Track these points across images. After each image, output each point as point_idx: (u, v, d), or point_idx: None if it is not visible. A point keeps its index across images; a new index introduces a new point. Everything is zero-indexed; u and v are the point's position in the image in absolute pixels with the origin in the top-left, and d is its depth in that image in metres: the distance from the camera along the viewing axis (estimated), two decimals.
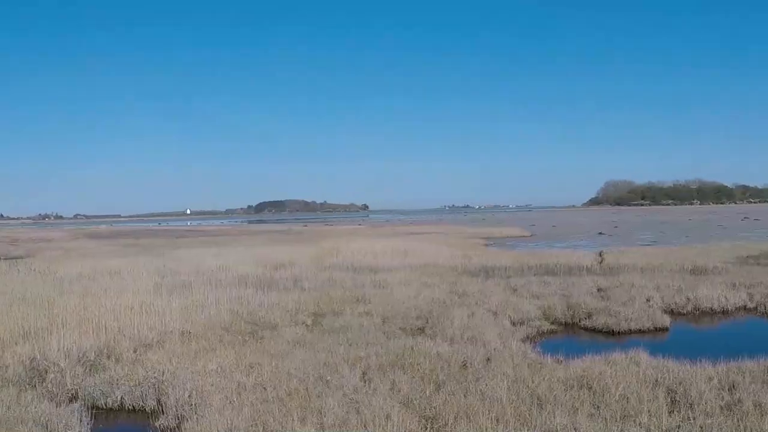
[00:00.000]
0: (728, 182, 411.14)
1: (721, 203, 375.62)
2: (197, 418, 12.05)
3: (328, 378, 13.97)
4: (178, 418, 12.80)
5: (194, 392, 13.45)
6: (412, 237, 71.58)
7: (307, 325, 21.63)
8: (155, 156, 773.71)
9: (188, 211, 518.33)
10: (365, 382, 13.85)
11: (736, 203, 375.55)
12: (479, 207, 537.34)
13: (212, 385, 13.89)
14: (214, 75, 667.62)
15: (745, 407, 11.42)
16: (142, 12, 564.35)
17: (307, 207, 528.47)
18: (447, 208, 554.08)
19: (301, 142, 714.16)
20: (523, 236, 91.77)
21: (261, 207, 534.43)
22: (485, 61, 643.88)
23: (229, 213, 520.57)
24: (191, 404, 12.98)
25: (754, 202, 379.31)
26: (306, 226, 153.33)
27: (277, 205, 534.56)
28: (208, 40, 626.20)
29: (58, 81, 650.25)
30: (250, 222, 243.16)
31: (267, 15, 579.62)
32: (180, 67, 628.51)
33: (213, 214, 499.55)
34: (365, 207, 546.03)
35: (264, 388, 13.56)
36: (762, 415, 10.97)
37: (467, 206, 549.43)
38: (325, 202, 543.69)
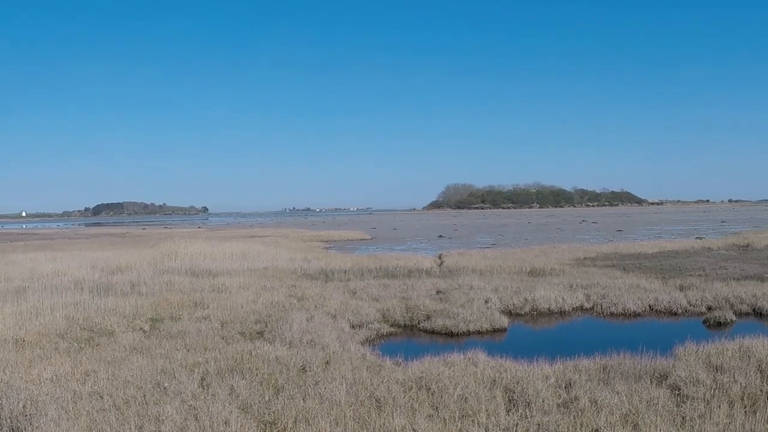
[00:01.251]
0: (567, 186, 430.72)
1: (561, 207, 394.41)
2: (32, 430, 11.56)
3: (166, 385, 13.80)
4: (13, 430, 12.23)
5: (29, 402, 12.79)
6: (252, 240, 71.20)
7: (144, 330, 21.28)
8: None
9: (23, 214, 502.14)
10: (204, 387, 13.75)
11: (574, 207, 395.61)
12: (320, 210, 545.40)
13: (47, 394, 13.32)
14: (41, 70, 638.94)
15: (582, 404, 12.02)
16: None
17: (147, 210, 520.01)
18: (288, 210, 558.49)
19: (139, 141, 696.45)
20: (364, 239, 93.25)
21: (99, 209, 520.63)
22: (327, 62, 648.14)
23: (66, 215, 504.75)
24: (26, 415, 12.34)
25: (592, 206, 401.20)
26: (145, 229, 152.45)
27: (115, 208, 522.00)
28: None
29: None
30: (87, 225, 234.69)
31: None
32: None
33: (49, 216, 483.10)
34: (205, 210, 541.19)
35: (100, 396, 13.26)
36: (598, 412, 11.56)
37: (308, 209, 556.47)
38: (164, 204, 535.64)
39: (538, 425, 11.14)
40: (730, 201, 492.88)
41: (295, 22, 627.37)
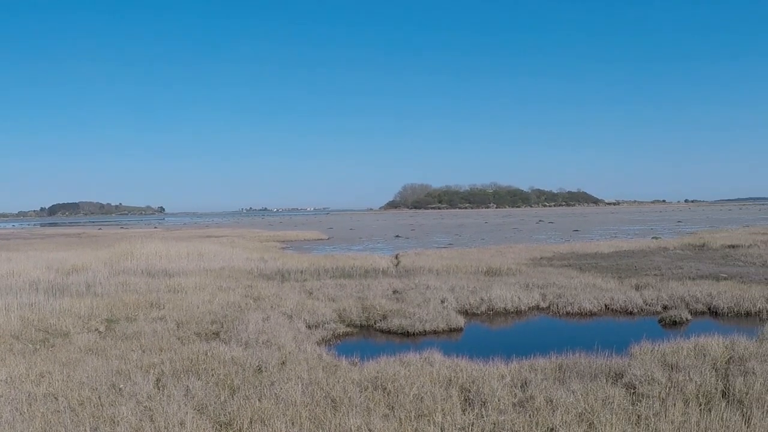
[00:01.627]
0: (524, 186, 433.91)
1: (517, 207, 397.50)
2: None
3: (121, 386, 13.74)
4: None
5: None
6: (209, 240, 70.91)
7: (99, 331, 21.14)
8: None
9: None
10: (159, 388, 13.69)
11: (531, 207, 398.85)
12: (277, 210, 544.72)
13: (2, 396, 13.21)
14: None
15: (537, 403, 12.10)
16: None
17: (103, 210, 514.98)
18: (245, 210, 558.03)
19: (95, 141, 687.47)
20: (321, 239, 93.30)
21: (54, 209, 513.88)
22: (283, 60, 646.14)
23: (21, 215, 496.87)
24: None
25: (549, 206, 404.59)
26: (101, 229, 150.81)
27: (71, 208, 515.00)
28: None
29: None
30: (43, 225, 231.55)
31: None
32: None
33: (4, 216, 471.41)
34: (162, 210, 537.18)
35: (55, 397, 13.12)
36: (553, 411, 11.65)
37: (265, 209, 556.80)
38: (120, 204, 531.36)
39: (494, 424, 11.20)
40: (686, 201, 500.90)
41: (258, 17, 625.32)
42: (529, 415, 11.56)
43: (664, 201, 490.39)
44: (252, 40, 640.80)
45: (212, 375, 14.68)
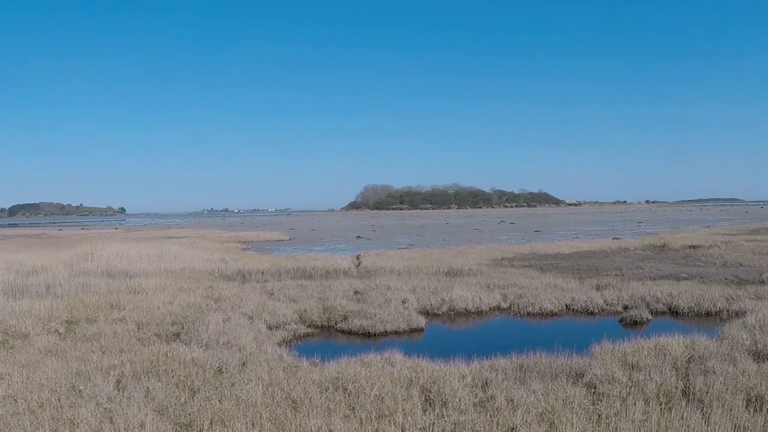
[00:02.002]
0: (485, 187, 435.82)
1: (479, 207, 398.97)
2: None
3: (81, 387, 13.65)
4: None
5: None
6: (170, 241, 70.66)
7: (59, 333, 21.00)
8: None
9: None
10: (119, 390, 13.64)
11: (493, 207, 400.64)
12: (238, 211, 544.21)
13: None
14: None
15: (498, 403, 12.16)
16: None
17: (63, 210, 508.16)
18: (206, 211, 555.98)
19: (55, 141, 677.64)
20: (282, 240, 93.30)
21: (14, 210, 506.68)
22: (241, 59, 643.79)
23: None
24: None
25: (511, 207, 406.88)
26: (61, 230, 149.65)
27: (31, 209, 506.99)
28: None
29: None
30: (2, 226, 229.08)
31: None
32: None
33: None
34: (122, 210, 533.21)
35: (14, 399, 13.04)
36: (514, 410, 11.72)
37: (226, 210, 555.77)
38: (81, 205, 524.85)
39: (455, 425, 11.24)
40: (647, 202, 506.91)
41: (217, 16, 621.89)
42: (490, 415, 11.61)
43: (625, 202, 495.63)
44: (204, 39, 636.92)
45: (172, 376, 14.64)
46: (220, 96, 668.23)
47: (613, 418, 11.34)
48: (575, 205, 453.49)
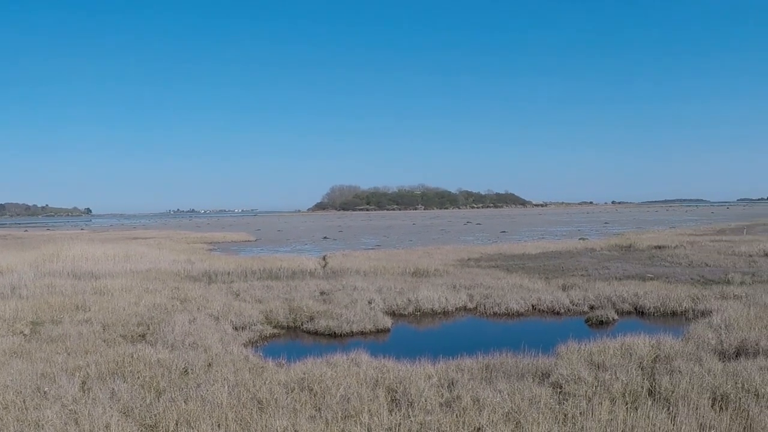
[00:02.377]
0: (452, 188, 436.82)
1: (445, 208, 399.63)
2: None
3: (46, 389, 13.55)
4: None
5: None
6: (136, 242, 70.38)
7: (24, 334, 20.86)
8: None
9: None
10: (85, 391, 13.56)
11: (459, 208, 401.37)
12: (205, 211, 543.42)
13: None
14: None
15: (464, 403, 12.19)
16: None
17: (29, 211, 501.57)
18: (172, 212, 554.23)
19: (21, 141, 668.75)
20: (248, 241, 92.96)
21: None
22: (212, 58, 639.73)
23: None
24: None
25: (477, 207, 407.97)
26: (26, 231, 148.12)
27: None
28: None
29: None
30: None
31: None
32: None
33: None
34: (88, 211, 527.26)
35: None
36: (480, 410, 11.74)
37: (192, 210, 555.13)
38: (47, 205, 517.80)
39: (421, 425, 11.24)
40: (613, 203, 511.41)
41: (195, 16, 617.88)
42: (456, 414, 11.63)
43: (591, 202, 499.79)
44: (177, 38, 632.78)
45: (138, 377, 14.57)
46: (186, 96, 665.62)
47: (579, 418, 11.40)
48: (542, 205, 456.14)
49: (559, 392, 13.01)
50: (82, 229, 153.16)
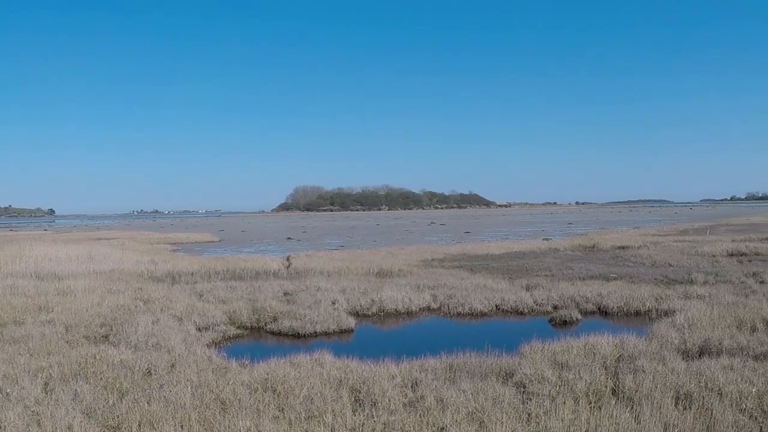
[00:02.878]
0: (416, 189, 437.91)
1: (409, 209, 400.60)
2: None
3: (8, 390, 13.46)
4: None
5: None
6: (99, 243, 69.69)
7: None
8: None
9: None
10: (47, 393, 13.45)
11: (423, 209, 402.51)
12: (168, 212, 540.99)
13: None
14: None
15: (428, 403, 12.20)
16: None
17: None
18: (136, 213, 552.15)
19: None
20: (212, 241, 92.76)
21: None
22: (172, 56, 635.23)
23: None
24: None
25: (441, 208, 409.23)
26: None
27: None
28: None
29: None
30: None
31: None
32: None
33: None
34: (52, 212, 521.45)
35: None
36: (443, 410, 11.76)
37: (156, 211, 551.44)
38: (9, 206, 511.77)
39: (384, 425, 11.25)
40: (577, 203, 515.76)
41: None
42: (420, 414, 11.64)
43: (555, 203, 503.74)
44: (133, 36, 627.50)
45: (101, 378, 14.51)
46: (149, 96, 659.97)
47: (543, 417, 11.45)
48: (505, 206, 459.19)
49: (523, 392, 13.05)
50: (45, 230, 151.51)
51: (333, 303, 26.44)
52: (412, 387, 13.53)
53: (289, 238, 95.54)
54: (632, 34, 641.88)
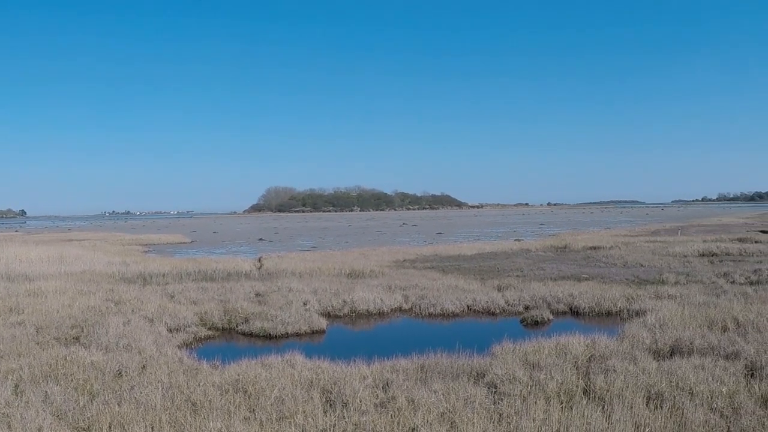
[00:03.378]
0: (388, 190, 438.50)
1: (382, 210, 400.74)
2: None
3: None
4: None
5: None
6: (71, 244, 69.49)
7: None
8: None
9: None
10: (17, 395, 13.36)
11: (395, 210, 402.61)
12: (140, 213, 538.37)
13: None
14: None
15: (399, 403, 12.21)
16: None
17: None
18: (107, 214, 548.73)
19: None
20: (184, 243, 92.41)
21: None
22: (139, 56, 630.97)
23: None
24: None
25: (413, 209, 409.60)
26: None
27: None
28: None
29: None
30: None
31: None
32: None
33: None
34: (23, 213, 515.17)
35: None
36: (415, 411, 11.78)
37: (128, 212, 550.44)
38: None
39: (356, 425, 11.24)
40: (549, 204, 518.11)
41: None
42: (391, 415, 11.64)
43: (527, 204, 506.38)
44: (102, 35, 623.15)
45: (71, 380, 14.43)
46: (119, 97, 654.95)
47: (514, 417, 11.49)
48: (477, 207, 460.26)
49: (494, 392, 13.09)
50: (16, 231, 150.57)
51: (304, 304, 26.41)
52: (383, 387, 13.53)
53: (261, 239, 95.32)
54: (602, 35, 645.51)
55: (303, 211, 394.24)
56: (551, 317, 24.97)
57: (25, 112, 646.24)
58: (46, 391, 13.30)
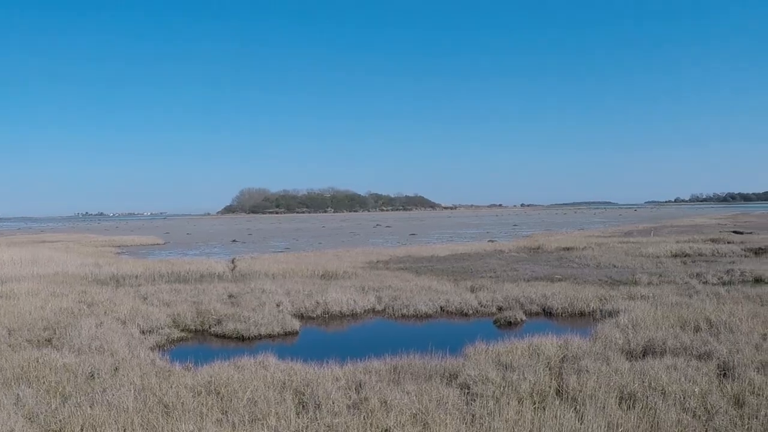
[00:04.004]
0: (362, 191, 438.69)
1: (355, 211, 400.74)
2: None
3: None
4: None
5: None
6: (43, 245, 68.91)
7: None
8: None
9: None
10: None
11: (369, 211, 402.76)
12: (113, 214, 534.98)
13: None
14: None
15: (372, 405, 12.21)
16: None
17: None
18: (80, 215, 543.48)
19: None
20: (157, 244, 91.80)
21: None
22: (114, 55, 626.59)
23: None
24: None
25: (387, 210, 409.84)
26: None
27: None
28: None
29: None
30: None
31: None
32: None
33: None
34: None
35: None
36: (388, 412, 11.79)
37: (101, 214, 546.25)
38: None
39: (328, 427, 11.25)
40: (522, 205, 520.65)
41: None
42: (364, 416, 11.65)
43: (500, 205, 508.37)
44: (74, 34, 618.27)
45: (43, 382, 14.37)
46: (91, 96, 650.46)
47: (487, 418, 11.52)
48: (451, 208, 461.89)
49: (467, 393, 13.13)
50: None
51: (278, 305, 26.35)
52: (356, 389, 13.53)
53: (234, 241, 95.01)
54: (583, 35, 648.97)
55: (277, 213, 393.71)
56: (524, 318, 25.03)
57: None
58: (17, 394, 13.22)
